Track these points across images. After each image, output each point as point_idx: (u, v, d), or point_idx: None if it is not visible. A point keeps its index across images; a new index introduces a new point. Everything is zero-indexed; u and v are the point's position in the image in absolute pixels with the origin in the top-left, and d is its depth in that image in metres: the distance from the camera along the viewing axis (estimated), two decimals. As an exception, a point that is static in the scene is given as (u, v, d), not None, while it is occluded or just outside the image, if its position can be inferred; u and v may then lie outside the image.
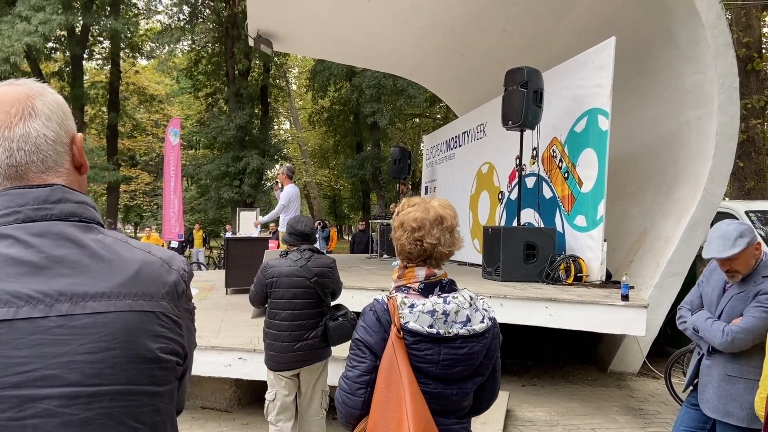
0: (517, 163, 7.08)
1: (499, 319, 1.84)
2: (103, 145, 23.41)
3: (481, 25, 8.88)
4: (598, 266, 6.01)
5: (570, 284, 5.97)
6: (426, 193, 12.10)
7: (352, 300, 5.17)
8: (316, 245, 3.80)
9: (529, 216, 7.34)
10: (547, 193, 7.19)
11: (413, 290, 1.72)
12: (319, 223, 16.20)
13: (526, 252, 6.32)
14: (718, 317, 2.81)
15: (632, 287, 5.60)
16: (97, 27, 19.65)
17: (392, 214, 11.97)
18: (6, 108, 0.93)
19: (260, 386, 4.73)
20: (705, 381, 2.86)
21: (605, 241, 6.04)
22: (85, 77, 22.56)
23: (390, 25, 9.49)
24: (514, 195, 7.55)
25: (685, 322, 3.00)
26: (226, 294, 7.82)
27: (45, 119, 0.95)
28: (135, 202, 31.32)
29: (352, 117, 24.06)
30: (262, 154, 20.69)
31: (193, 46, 22.63)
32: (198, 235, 17.75)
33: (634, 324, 4.93)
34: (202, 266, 16.31)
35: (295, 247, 3.61)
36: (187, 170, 24.09)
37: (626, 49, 6.38)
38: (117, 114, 21.42)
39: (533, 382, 6.10)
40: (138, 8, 21.85)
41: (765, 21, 14.88)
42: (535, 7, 7.97)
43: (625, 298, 5.00)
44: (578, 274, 6.04)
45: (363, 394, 1.66)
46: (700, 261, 6.05)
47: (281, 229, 7.38)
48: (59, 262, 0.89)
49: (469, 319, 1.68)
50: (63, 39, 19.62)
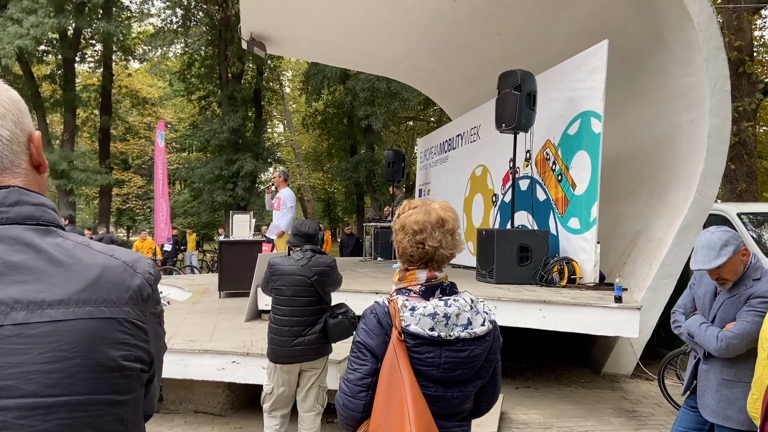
0: (511, 165, 7.09)
1: (493, 322, 1.83)
2: (96, 149, 23.29)
3: (474, 29, 8.90)
4: (591, 268, 6.03)
5: (563, 286, 5.99)
6: (420, 195, 12.10)
7: (346, 303, 5.13)
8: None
9: (523, 218, 7.36)
10: (541, 195, 7.21)
11: (414, 293, 1.71)
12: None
13: (520, 254, 6.35)
14: (712, 322, 2.81)
15: (625, 289, 5.62)
16: (89, 30, 19.58)
17: (386, 217, 11.89)
18: None
19: (254, 390, 4.71)
20: (703, 386, 2.86)
21: (598, 243, 6.06)
22: (78, 80, 22.46)
23: (383, 29, 9.49)
24: (507, 197, 7.57)
25: (680, 326, 3.00)
26: (220, 297, 7.77)
27: None
28: (127, 205, 31.22)
29: (346, 120, 24.04)
30: (255, 158, 20.67)
31: (186, 49, 22.57)
32: (191, 239, 17.71)
33: (627, 326, 4.94)
34: (195, 270, 16.25)
35: (299, 248, 3.84)
36: (180, 173, 24.05)
37: (618, 52, 6.40)
38: (109, 117, 21.32)
39: (527, 384, 6.11)
40: (131, 11, 21.75)
41: (756, 24, 15.02)
42: (528, 10, 8.00)
43: (618, 300, 5.01)
44: (572, 276, 6.06)
45: (364, 396, 1.65)
46: (692, 269, 6.07)
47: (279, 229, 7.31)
48: (15, 268, 0.85)
49: (470, 322, 1.67)
50: (55, 42, 19.51)
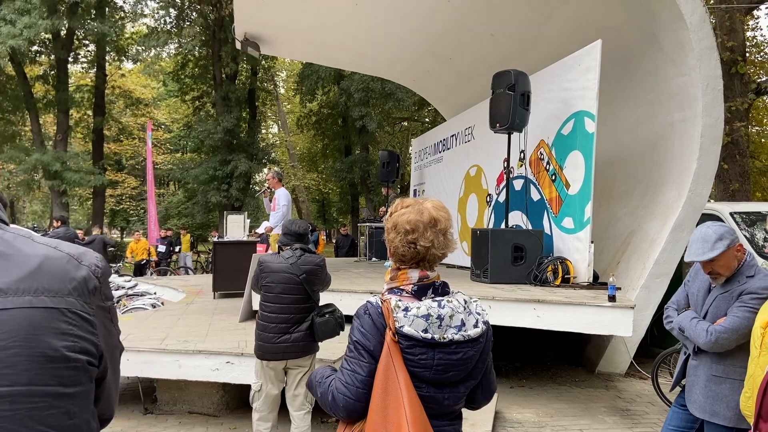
0: (505, 165, 7.11)
1: (488, 321, 1.83)
2: (89, 149, 23.18)
3: (468, 29, 8.92)
4: (585, 268, 6.06)
5: (558, 286, 6.01)
6: (414, 196, 12.10)
7: (340, 303, 5.09)
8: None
9: (517, 218, 7.38)
10: (535, 195, 7.23)
11: (406, 292, 1.70)
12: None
13: (514, 254, 6.37)
14: (703, 317, 2.82)
15: (619, 288, 5.64)
16: (82, 30, 19.49)
17: (381, 217, 11.90)
18: None
19: (248, 391, 4.69)
20: (692, 381, 2.87)
21: (592, 242, 6.08)
22: (71, 81, 22.35)
23: (378, 29, 9.49)
24: (502, 197, 7.59)
25: (672, 321, 3.02)
26: (214, 298, 7.76)
27: None
28: (121, 206, 31.05)
29: (341, 120, 24.01)
30: (250, 158, 20.61)
31: (180, 49, 22.49)
32: (185, 240, 17.65)
33: (620, 325, 4.96)
34: (189, 270, 16.21)
35: (289, 246, 3.84)
36: (174, 174, 23.95)
37: (611, 52, 6.43)
38: (103, 118, 21.23)
39: (521, 383, 6.12)
40: (124, 11, 21.66)
41: (749, 25, 15.09)
42: (522, 11, 8.02)
43: (612, 299, 5.04)
44: (566, 276, 6.08)
45: (366, 397, 1.63)
46: (686, 261, 6.10)
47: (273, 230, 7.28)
48: None
49: (463, 324, 1.65)
50: (48, 42, 19.42)
